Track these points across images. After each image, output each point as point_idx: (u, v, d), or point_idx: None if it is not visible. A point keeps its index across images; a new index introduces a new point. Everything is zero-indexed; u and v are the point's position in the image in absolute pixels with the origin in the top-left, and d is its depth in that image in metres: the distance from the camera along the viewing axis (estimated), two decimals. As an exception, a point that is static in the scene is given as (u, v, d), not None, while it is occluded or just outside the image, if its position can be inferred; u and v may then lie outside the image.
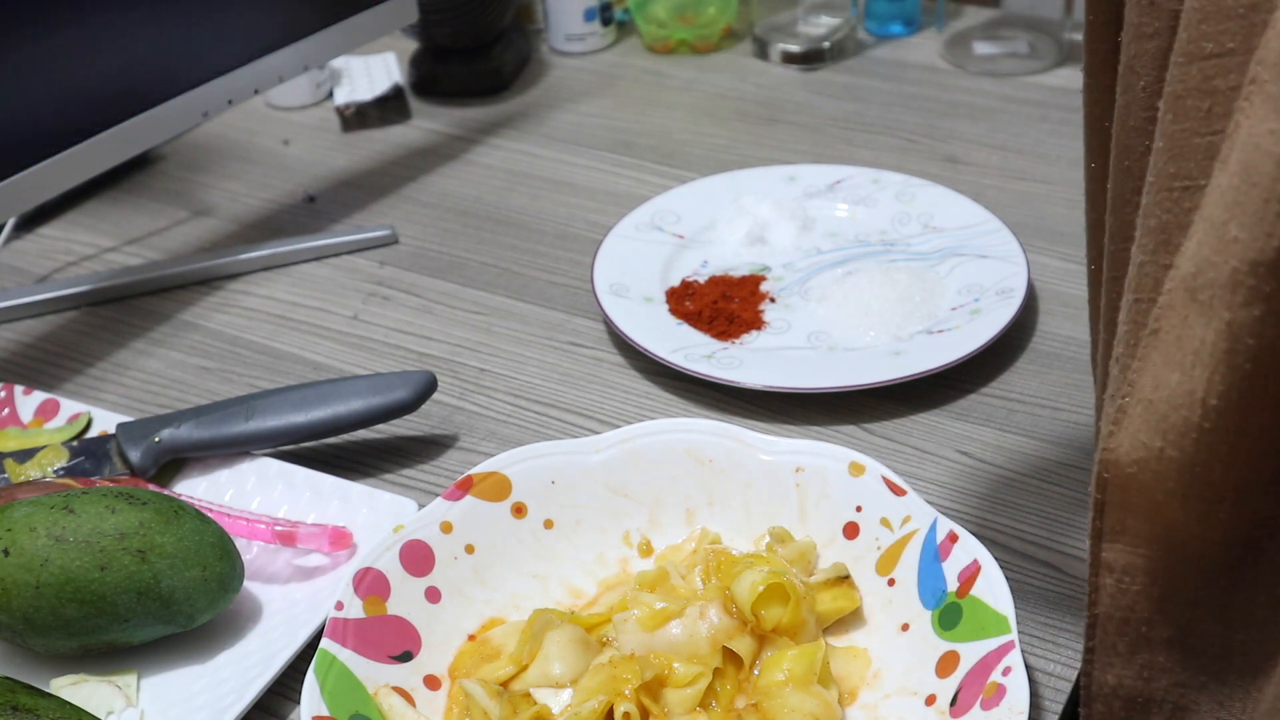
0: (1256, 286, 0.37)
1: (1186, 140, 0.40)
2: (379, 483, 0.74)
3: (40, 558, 0.59)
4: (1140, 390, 0.42)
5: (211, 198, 1.06)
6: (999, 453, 0.74)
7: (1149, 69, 0.43)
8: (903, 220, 0.92)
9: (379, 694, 0.58)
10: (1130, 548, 0.47)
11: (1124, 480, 0.45)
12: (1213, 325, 0.38)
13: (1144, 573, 0.47)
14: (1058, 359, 0.80)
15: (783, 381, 0.76)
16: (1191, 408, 0.40)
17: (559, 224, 0.99)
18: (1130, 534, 0.47)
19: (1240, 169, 0.36)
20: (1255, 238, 0.36)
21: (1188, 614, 0.48)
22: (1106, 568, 0.48)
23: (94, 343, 0.88)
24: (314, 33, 0.95)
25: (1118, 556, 0.47)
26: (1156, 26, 0.42)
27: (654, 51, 1.26)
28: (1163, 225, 0.42)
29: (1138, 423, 0.43)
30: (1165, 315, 0.41)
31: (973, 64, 1.18)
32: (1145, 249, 0.43)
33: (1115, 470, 0.45)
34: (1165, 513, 0.44)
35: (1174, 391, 0.41)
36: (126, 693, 0.61)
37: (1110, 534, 0.47)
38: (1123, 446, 0.44)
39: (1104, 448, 0.45)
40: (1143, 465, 0.43)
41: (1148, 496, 0.44)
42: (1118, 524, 0.47)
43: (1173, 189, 0.41)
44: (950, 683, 0.57)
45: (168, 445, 0.72)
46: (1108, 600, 0.49)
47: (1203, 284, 0.38)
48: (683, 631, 0.59)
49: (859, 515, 0.65)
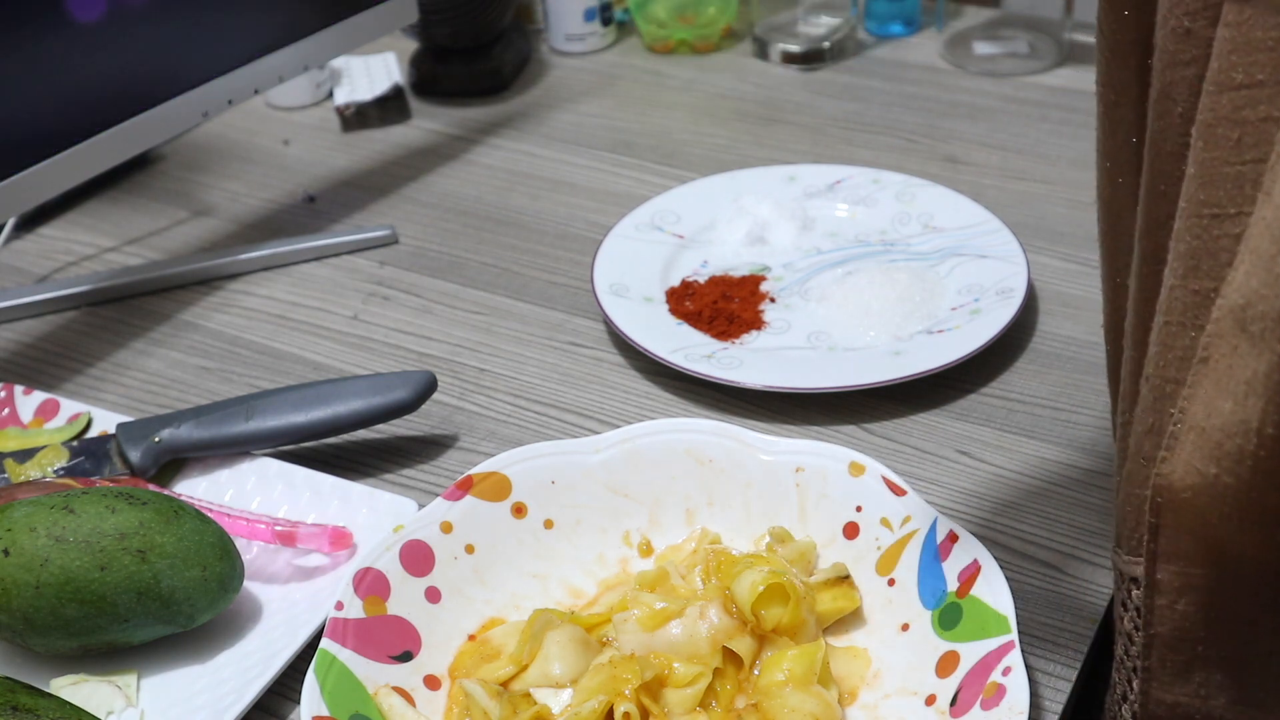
0: None
1: (1217, 169, 0.40)
2: (379, 483, 0.74)
3: (40, 558, 0.59)
4: (1192, 418, 0.43)
5: (211, 198, 1.06)
6: (999, 453, 0.74)
7: (1184, 96, 0.43)
8: (903, 220, 0.92)
9: (379, 694, 0.58)
10: (1186, 569, 0.47)
11: (1178, 504, 0.45)
12: (1265, 358, 0.39)
13: (1200, 593, 0.48)
14: (1058, 359, 0.80)
15: (783, 381, 0.76)
16: (1246, 436, 0.41)
17: (559, 224, 0.99)
18: (1185, 556, 0.47)
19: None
20: None
21: (1245, 633, 0.48)
22: (1163, 589, 0.48)
23: (94, 343, 0.88)
24: (314, 33, 0.95)
25: (1173, 577, 0.48)
26: (1193, 54, 0.42)
27: (654, 51, 1.26)
28: (1192, 251, 0.42)
29: (1190, 449, 0.43)
30: (1215, 344, 0.41)
31: (973, 64, 1.18)
32: (1176, 273, 0.44)
33: (1169, 495, 0.45)
34: (1221, 536, 0.45)
35: (1227, 420, 0.41)
36: (126, 693, 0.61)
37: (1165, 556, 0.48)
38: (1176, 472, 0.44)
39: (1157, 472, 0.45)
40: (1198, 491, 0.44)
41: (1203, 520, 0.45)
42: (1172, 546, 0.47)
43: (1202, 216, 0.41)
44: (950, 683, 0.57)
45: (168, 445, 0.72)
46: (1163, 620, 0.49)
47: (1253, 316, 0.39)
48: (683, 631, 0.59)
49: (859, 515, 0.65)
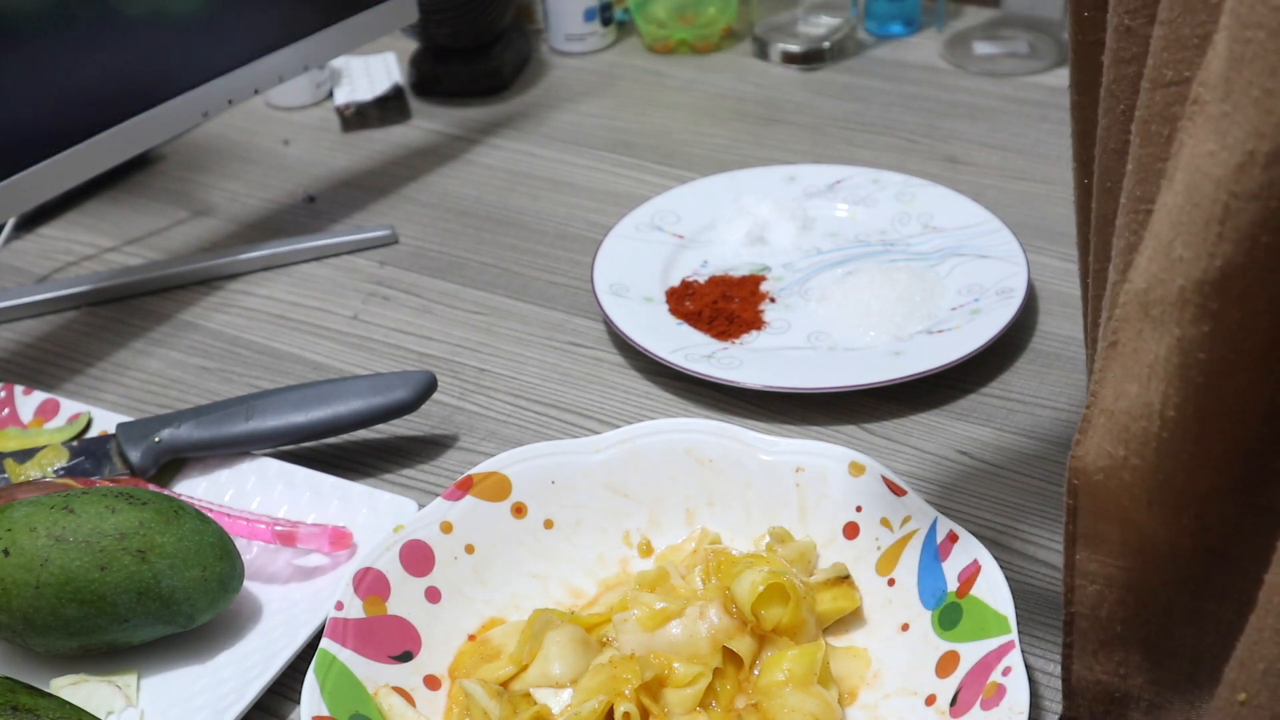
0: (1203, 304, 0.38)
1: (1150, 165, 0.41)
2: (379, 483, 0.74)
3: (40, 558, 0.59)
4: (1102, 400, 0.43)
5: (211, 198, 1.06)
6: (999, 453, 0.74)
7: (1126, 93, 0.44)
8: (903, 220, 0.92)
9: (379, 694, 0.58)
10: (1102, 551, 0.48)
11: (1092, 487, 0.46)
12: (1164, 341, 0.39)
13: (1116, 575, 0.48)
14: (1058, 359, 0.80)
15: (783, 381, 0.76)
16: (1150, 419, 0.41)
17: (559, 224, 0.99)
18: (1102, 538, 0.48)
19: (1183, 189, 0.37)
20: (1199, 257, 0.37)
21: (1160, 616, 0.48)
22: (1080, 571, 0.49)
23: (94, 343, 0.88)
24: (314, 33, 0.95)
25: (1090, 560, 0.48)
26: (1134, 52, 0.43)
27: (654, 51, 1.26)
28: (1130, 246, 0.43)
29: (1101, 432, 0.44)
30: (1122, 328, 0.42)
31: (973, 64, 1.18)
32: (1117, 269, 0.44)
33: (1084, 477, 0.46)
34: (1133, 519, 0.45)
35: (1133, 403, 0.42)
36: (126, 693, 0.61)
37: (1083, 538, 0.48)
38: (1089, 455, 0.45)
39: (1072, 455, 0.46)
40: (1109, 473, 0.44)
41: (1115, 503, 0.45)
42: (1089, 529, 0.48)
43: (1138, 211, 0.42)
44: (950, 683, 0.57)
45: (168, 445, 0.72)
46: (1082, 601, 0.50)
47: (1154, 300, 0.39)
48: (683, 631, 0.59)
49: (859, 515, 0.65)
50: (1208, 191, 0.36)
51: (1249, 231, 0.36)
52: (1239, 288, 0.37)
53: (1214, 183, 0.36)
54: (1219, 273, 0.37)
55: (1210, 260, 0.37)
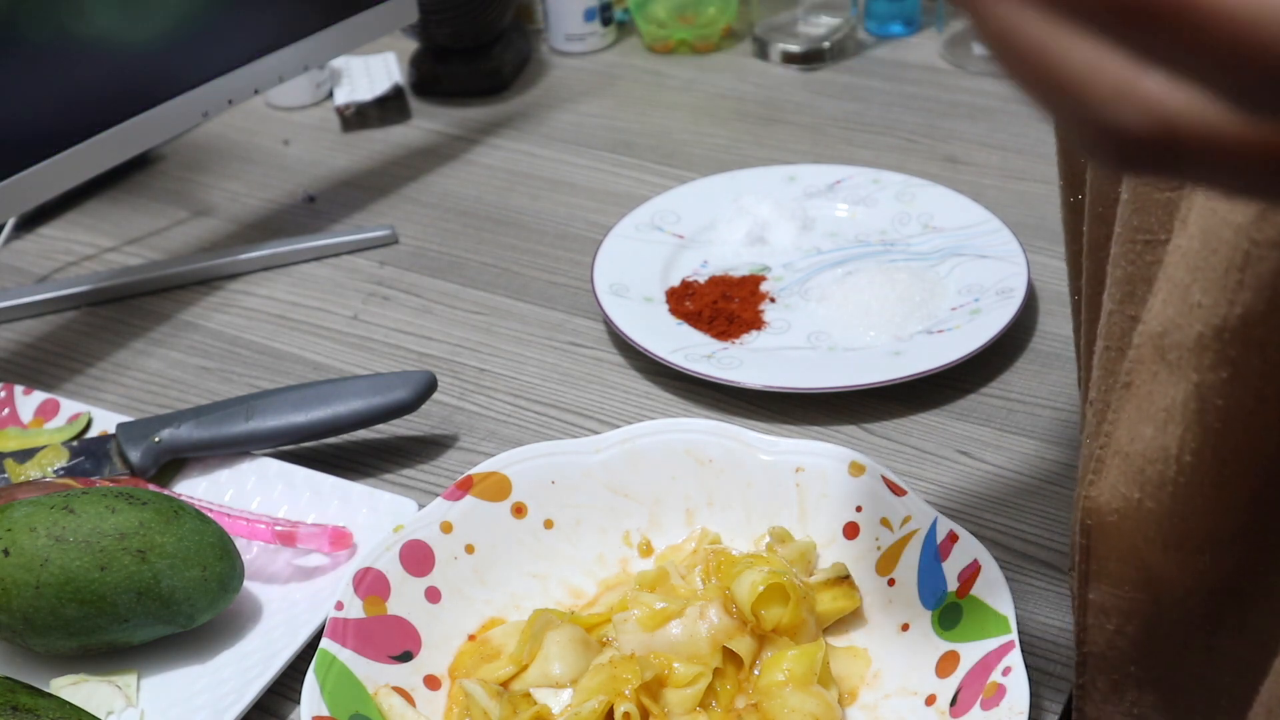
0: (1222, 351, 0.38)
1: (1148, 195, 0.41)
2: (379, 483, 0.74)
3: (40, 558, 0.59)
4: (1117, 442, 0.43)
5: (211, 198, 1.06)
6: (999, 453, 0.74)
7: None
8: (903, 220, 0.92)
9: (379, 694, 0.58)
10: (1116, 590, 0.47)
11: (1105, 527, 0.45)
12: (1182, 386, 0.39)
13: (1131, 614, 0.48)
14: (1058, 359, 0.80)
15: (783, 381, 0.76)
16: (1166, 462, 0.41)
17: (559, 224, 0.99)
18: (1115, 577, 0.47)
19: (1199, 232, 0.37)
20: (1218, 304, 0.37)
21: (1175, 656, 0.48)
22: (1094, 608, 0.49)
23: (94, 343, 0.88)
24: (314, 33, 0.95)
25: (1104, 598, 0.48)
26: None
27: (654, 51, 1.26)
28: (1128, 276, 0.43)
29: (1115, 474, 0.44)
30: (1136, 370, 0.41)
31: (973, 64, 1.18)
32: (1113, 298, 0.44)
33: (1097, 518, 0.46)
34: (1146, 559, 0.45)
35: (1148, 445, 0.41)
36: (126, 693, 0.61)
37: (1095, 577, 0.48)
38: (1103, 495, 0.44)
39: (1085, 495, 0.46)
40: (1123, 515, 0.44)
41: (1129, 543, 0.45)
42: (1102, 568, 0.47)
43: (1135, 241, 0.42)
44: (950, 683, 0.57)
45: (168, 445, 0.72)
46: (1095, 639, 0.49)
47: (1170, 344, 0.39)
48: (683, 631, 0.59)
49: (859, 515, 0.65)
50: (1227, 238, 0.36)
51: (1270, 280, 0.36)
52: (1260, 335, 0.37)
53: (1233, 230, 0.36)
54: (1239, 320, 0.37)
55: (1230, 307, 0.37)
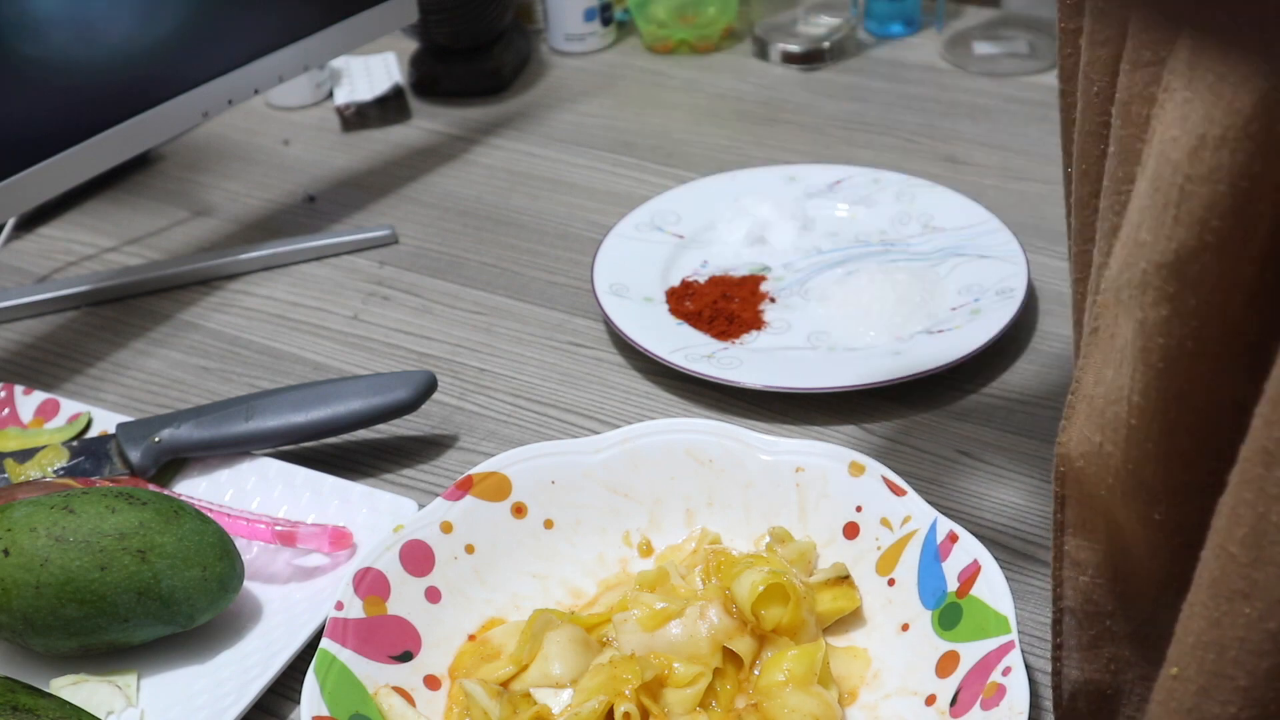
0: (1161, 287, 0.38)
1: (1131, 145, 0.41)
2: (379, 483, 0.74)
3: (40, 558, 0.59)
4: (1084, 386, 0.44)
5: (211, 198, 1.06)
6: (999, 453, 0.74)
7: (1101, 75, 0.44)
8: (903, 220, 0.92)
9: (379, 694, 0.58)
10: (1090, 542, 0.48)
11: (1075, 475, 0.46)
12: (1129, 324, 0.40)
13: (1103, 566, 0.48)
14: (1058, 359, 0.80)
15: (783, 381, 0.76)
16: (1121, 403, 0.41)
17: (559, 224, 0.99)
18: (1088, 528, 0.48)
19: (1151, 174, 0.37)
20: (1158, 240, 0.37)
21: (1148, 609, 0.48)
22: (1070, 560, 0.49)
23: (94, 343, 0.88)
24: (314, 33, 0.95)
25: (1079, 550, 0.48)
26: (1108, 34, 0.43)
27: (654, 51, 1.26)
28: (1114, 228, 0.43)
29: (1082, 419, 0.44)
30: (1102, 314, 0.42)
31: (973, 64, 1.18)
32: (1101, 251, 0.44)
33: (1068, 465, 0.46)
34: (1110, 509, 0.45)
35: (1109, 387, 0.42)
36: (126, 693, 0.61)
37: (1070, 528, 0.48)
38: (1072, 441, 0.45)
39: (1058, 441, 0.46)
40: (1088, 460, 0.44)
41: (1094, 491, 0.45)
42: (1076, 518, 0.48)
43: (1120, 193, 0.42)
44: (950, 683, 0.57)
45: (168, 445, 0.72)
46: (1072, 594, 0.49)
47: (1123, 284, 0.40)
48: (683, 631, 0.59)
49: (859, 515, 0.65)
50: (1167, 175, 0.36)
51: (1200, 215, 0.36)
52: (1193, 272, 0.37)
53: (1173, 167, 0.36)
54: (1174, 255, 0.37)
55: (1168, 243, 0.37)
